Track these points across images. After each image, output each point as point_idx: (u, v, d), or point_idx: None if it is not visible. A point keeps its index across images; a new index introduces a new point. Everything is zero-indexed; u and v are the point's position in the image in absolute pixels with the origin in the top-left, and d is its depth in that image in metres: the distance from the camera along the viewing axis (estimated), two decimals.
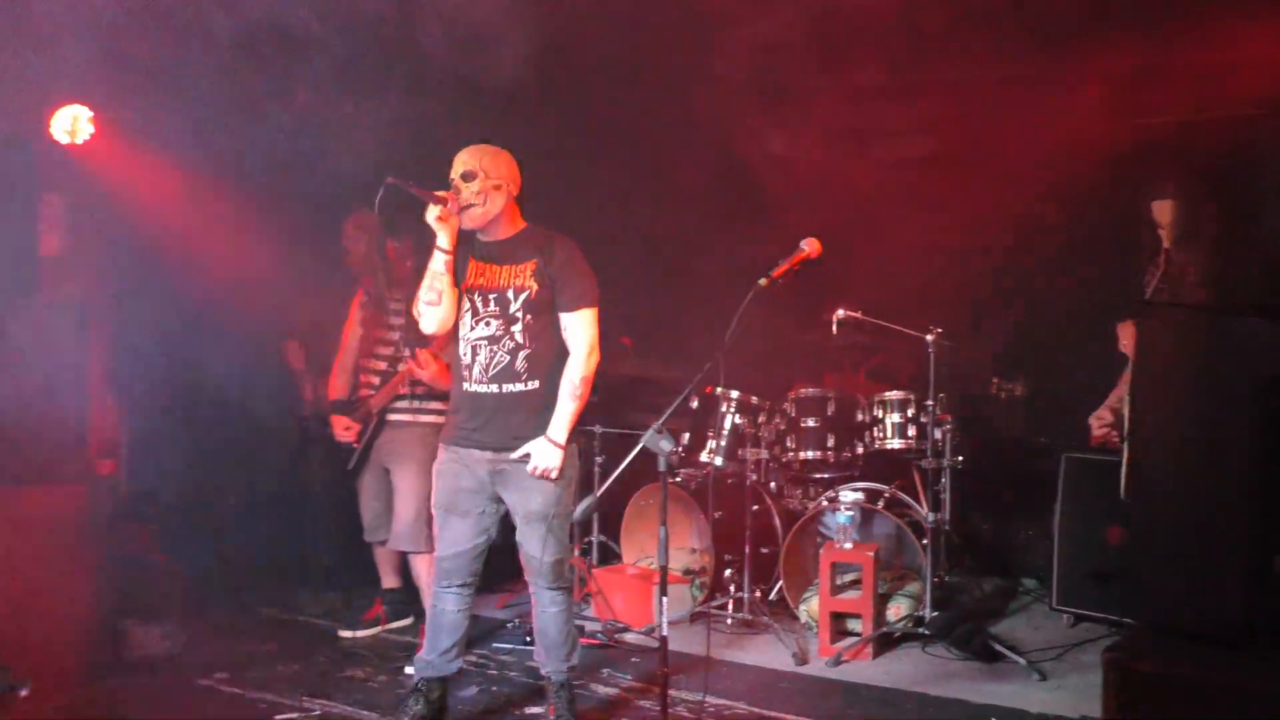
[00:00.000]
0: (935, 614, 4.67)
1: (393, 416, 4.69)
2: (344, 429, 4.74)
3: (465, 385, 3.65)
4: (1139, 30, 4.66)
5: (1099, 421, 4.44)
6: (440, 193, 3.54)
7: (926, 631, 4.65)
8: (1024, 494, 5.72)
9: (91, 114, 4.71)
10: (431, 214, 3.53)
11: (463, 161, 3.61)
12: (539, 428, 3.60)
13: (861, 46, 4.99)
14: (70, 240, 4.91)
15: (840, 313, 4.93)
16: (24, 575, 3.92)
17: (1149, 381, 2.49)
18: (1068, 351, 5.62)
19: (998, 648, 4.51)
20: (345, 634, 4.91)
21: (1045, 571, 5.24)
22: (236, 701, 4.08)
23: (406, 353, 4.56)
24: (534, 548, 3.63)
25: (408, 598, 4.99)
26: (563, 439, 3.57)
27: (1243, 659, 2.17)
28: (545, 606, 3.71)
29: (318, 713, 3.97)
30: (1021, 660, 4.42)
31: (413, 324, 4.48)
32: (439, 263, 3.56)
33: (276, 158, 5.19)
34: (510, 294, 3.59)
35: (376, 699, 4.11)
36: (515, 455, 3.59)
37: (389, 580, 5.01)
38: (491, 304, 3.60)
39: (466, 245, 3.68)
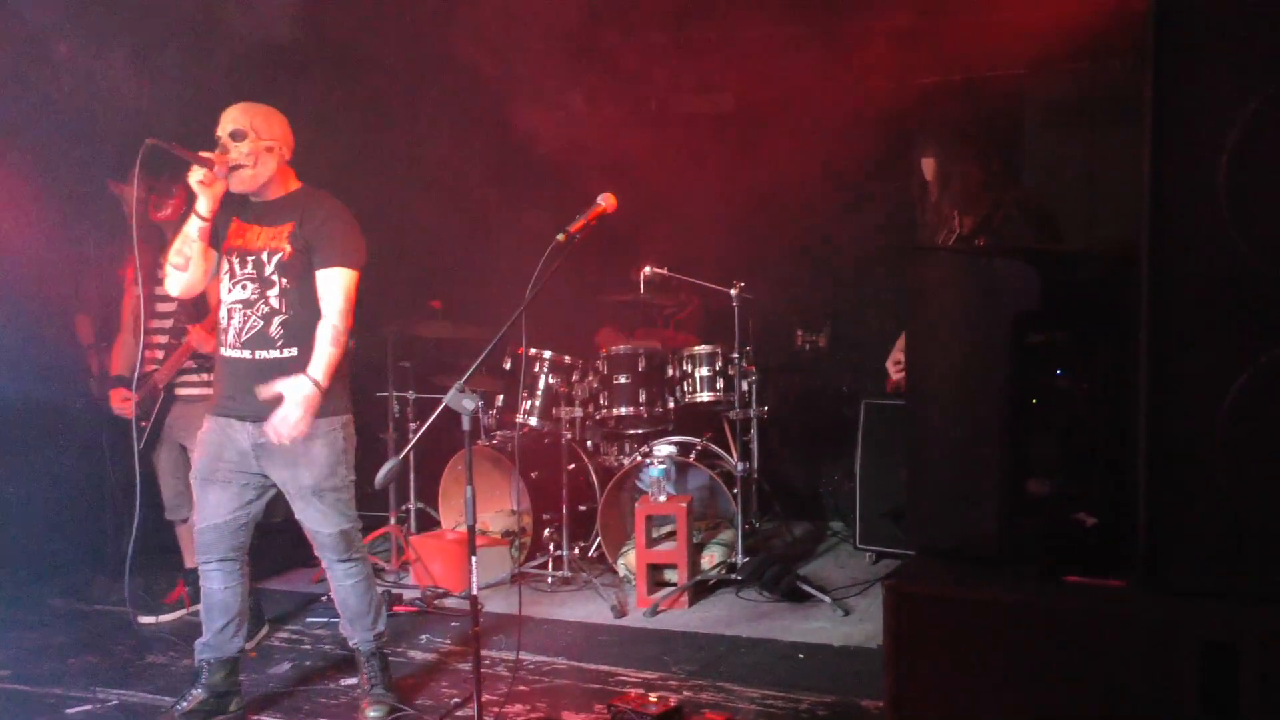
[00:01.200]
0: (746, 560, 4.84)
1: (183, 391, 4.46)
2: (121, 399, 4.48)
3: (223, 350, 3.51)
4: None
5: (895, 366, 4.66)
6: (205, 154, 3.35)
7: (738, 577, 4.81)
8: (829, 440, 5.98)
9: None
10: (194, 177, 3.33)
11: (232, 119, 3.41)
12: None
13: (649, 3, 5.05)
14: None
15: (647, 269, 5.01)
16: None
17: (919, 323, 2.64)
18: (866, 302, 5.89)
19: (805, 588, 4.72)
20: (146, 620, 4.67)
21: (850, 513, 5.51)
22: (20, 698, 3.83)
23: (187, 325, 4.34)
24: (313, 523, 3.52)
25: None
26: (322, 377, 3.35)
27: (1001, 576, 2.34)
28: (340, 580, 3.61)
29: (114, 702, 3.78)
30: (826, 598, 4.64)
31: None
32: (193, 227, 3.40)
33: (49, 123, 4.85)
34: (265, 256, 3.44)
35: (178, 684, 3.91)
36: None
37: (192, 559, 4.79)
38: (249, 266, 3.45)
39: (234, 206, 3.50)
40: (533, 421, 5.21)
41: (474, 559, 3.18)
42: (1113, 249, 2.59)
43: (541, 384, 5.22)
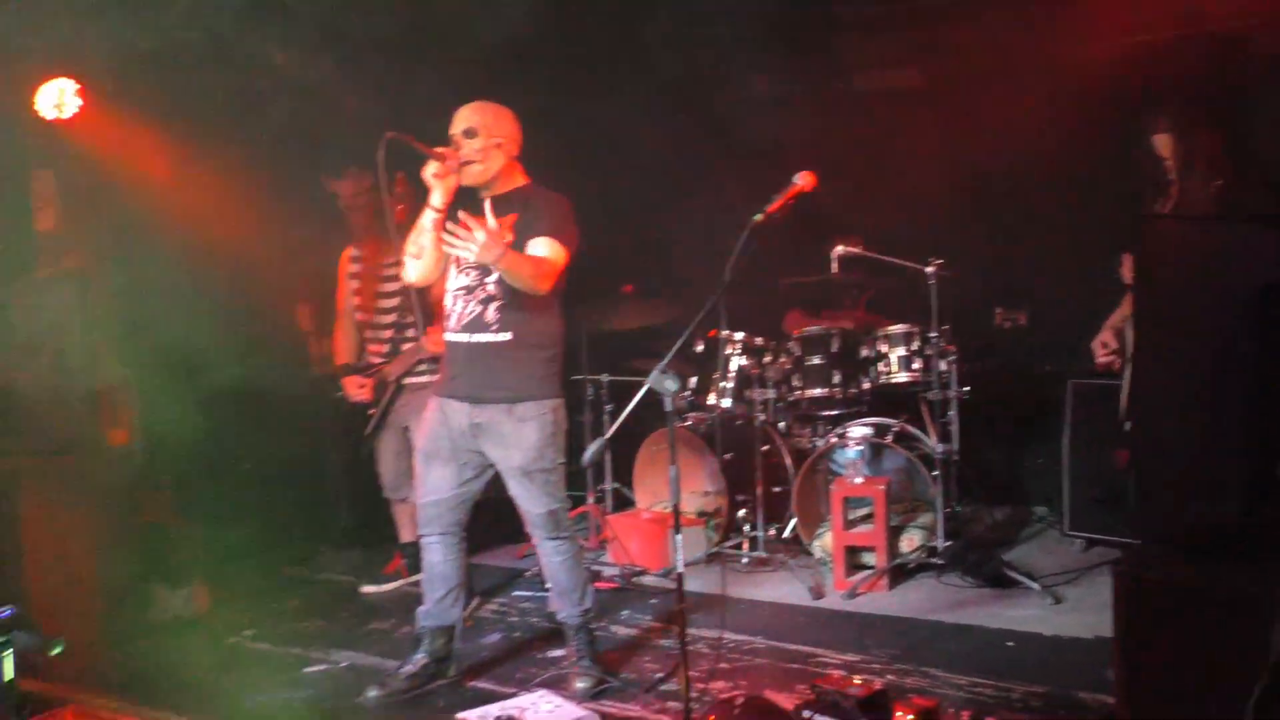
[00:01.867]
0: (948, 544, 4.72)
1: (411, 380, 4.71)
2: (357, 387, 4.77)
3: (446, 334, 3.69)
4: None
5: (1103, 348, 4.42)
6: (439, 149, 3.53)
7: (940, 561, 4.70)
8: (1032, 422, 5.73)
9: (77, 87, 4.68)
10: (429, 170, 3.52)
11: (464, 118, 3.59)
12: (511, 380, 3.57)
13: None
14: (65, 214, 4.91)
15: (839, 248, 4.93)
16: (50, 542, 3.99)
17: (1150, 298, 2.49)
18: (1070, 278, 5.59)
19: (1012, 574, 4.56)
20: (367, 589, 4.99)
21: (1055, 498, 5.27)
22: (265, 656, 4.17)
23: (410, 322, 4.57)
24: (524, 502, 3.67)
25: None
26: (501, 249, 3.35)
27: (1244, 565, 2.20)
28: (549, 556, 3.75)
29: (344, 664, 4.06)
30: (1035, 585, 4.47)
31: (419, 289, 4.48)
32: (428, 219, 3.57)
33: (269, 121, 5.18)
34: None
35: (400, 650, 4.16)
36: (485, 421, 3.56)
37: (407, 534, 5.07)
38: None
39: (463, 201, 3.65)
40: (725, 403, 5.22)
41: (678, 537, 3.24)
42: None
43: (733, 365, 5.23)
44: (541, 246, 3.54)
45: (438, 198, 3.54)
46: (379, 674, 3.86)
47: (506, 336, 3.57)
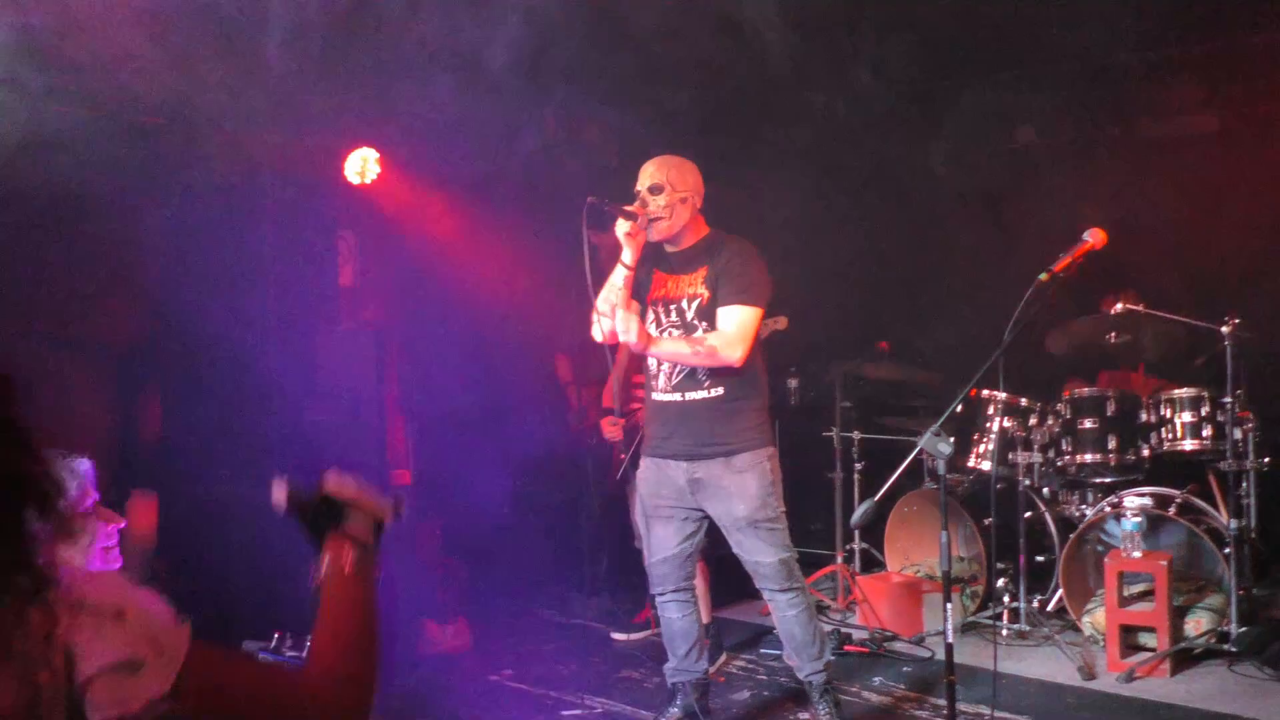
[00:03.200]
0: (1242, 629, 4.29)
1: None
2: (610, 424, 4.90)
3: (653, 395, 3.72)
4: None
5: None
6: (629, 207, 3.58)
7: (1234, 648, 4.27)
8: None
9: (378, 155, 5.15)
10: (621, 229, 3.56)
11: (649, 175, 3.63)
12: (726, 433, 3.58)
13: (1110, 18, 4.69)
14: (362, 271, 5.39)
15: (1119, 305, 4.64)
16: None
17: None
18: None
19: None
20: (618, 636, 5.09)
21: None
22: (524, 697, 4.33)
23: None
24: (751, 553, 3.63)
25: None
26: (644, 337, 3.48)
27: None
28: (783, 610, 3.69)
29: (599, 710, 4.15)
30: None
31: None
32: (619, 276, 3.62)
33: (536, 181, 5.49)
34: (685, 303, 3.62)
35: (651, 699, 4.23)
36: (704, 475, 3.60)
37: None
38: (672, 314, 3.65)
39: (653, 258, 3.72)
40: (985, 465, 5.01)
41: (949, 605, 3.12)
42: None
43: (995, 427, 5.01)
44: (729, 316, 3.56)
45: (629, 255, 3.59)
46: None
47: (719, 392, 3.59)
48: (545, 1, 4.17)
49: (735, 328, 3.53)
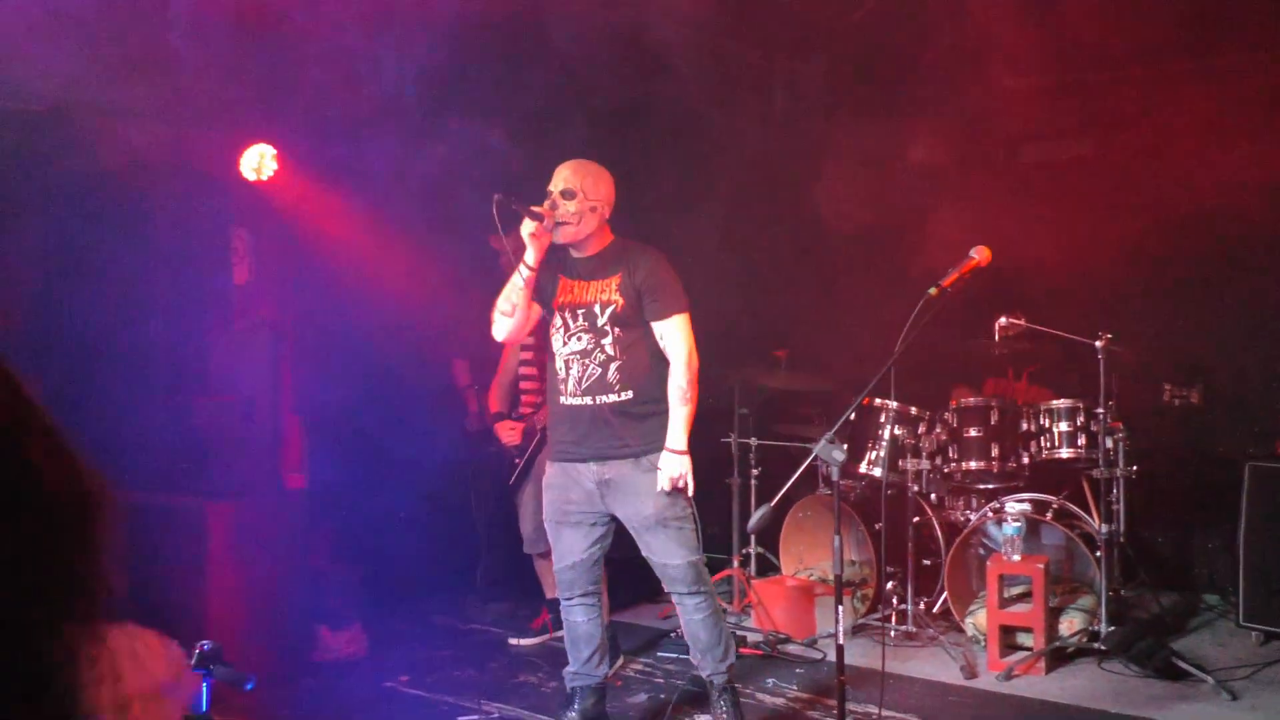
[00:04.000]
0: (1111, 628, 4.52)
1: None
2: (509, 430, 4.88)
3: (561, 399, 3.73)
4: None
5: None
6: (537, 208, 3.59)
7: (1103, 646, 4.50)
8: (1203, 505, 5.47)
9: (275, 152, 5.04)
10: (526, 229, 3.58)
11: (564, 178, 3.66)
12: (637, 434, 3.63)
13: (1006, 49, 4.91)
14: (257, 269, 5.27)
15: (1003, 320, 4.85)
16: (233, 582, 4.22)
17: None
18: (1245, 356, 5.36)
19: (1182, 664, 4.33)
20: (514, 641, 5.08)
21: (1229, 586, 5.00)
22: (420, 702, 4.29)
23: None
24: (659, 555, 3.67)
25: None
26: (682, 445, 3.60)
27: None
28: (690, 614, 3.74)
29: (495, 715, 4.14)
30: (1209, 679, 4.23)
31: None
32: (520, 277, 3.64)
33: (435, 184, 5.45)
34: (597, 309, 3.66)
35: (548, 704, 4.24)
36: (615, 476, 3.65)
37: (552, 591, 5.15)
38: (580, 319, 3.67)
39: (557, 263, 3.75)
40: (876, 472, 5.16)
41: (840, 607, 3.21)
42: None
43: (887, 435, 5.17)
44: (674, 330, 3.65)
45: (532, 256, 3.62)
46: None
47: (629, 395, 3.64)
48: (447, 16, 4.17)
49: (682, 343, 3.65)
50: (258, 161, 4.94)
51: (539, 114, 5.53)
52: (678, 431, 3.61)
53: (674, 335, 3.65)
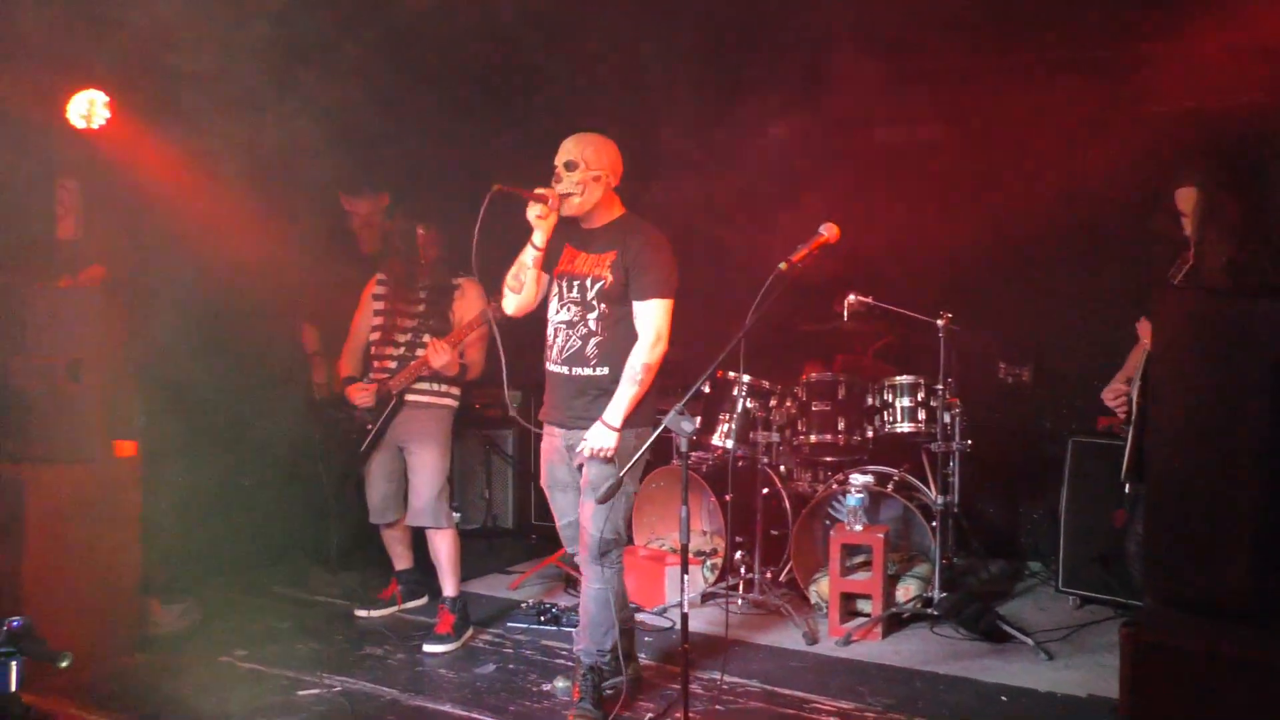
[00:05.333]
0: (944, 595, 4.74)
1: (412, 397, 4.71)
2: (361, 391, 4.74)
3: (547, 364, 3.85)
4: (1149, 16, 4.70)
5: (1115, 398, 4.43)
6: (540, 190, 3.68)
7: (935, 612, 4.72)
8: (1031, 478, 5.79)
9: (107, 99, 4.73)
10: (532, 212, 3.68)
11: (567, 150, 3.73)
12: (602, 409, 3.68)
13: (865, 33, 5.03)
14: (86, 224, 4.95)
15: (851, 298, 4.99)
16: (54, 553, 3.98)
17: (1165, 363, 2.54)
18: (1073, 337, 5.67)
19: (1006, 628, 4.58)
20: (361, 613, 4.97)
21: (1051, 554, 5.31)
22: (258, 677, 4.15)
23: (426, 338, 4.60)
24: (584, 519, 3.75)
25: (422, 577, 5.05)
26: (617, 422, 3.63)
27: (1254, 631, 2.23)
28: (590, 582, 3.80)
29: (338, 689, 4.04)
30: (1029, 640, 4.49)
31: (434, 311, 4.58)
32: (528, 256, 3.76)
33: (283, 139, 5.22)
34: (588, 283, 3.73)
35: (395, 676, 4.18)
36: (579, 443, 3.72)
37: (401, 562, 5.07)
38: (574, 290, 3.75)
39: (566, 231, 3.82)
40: (728, 444, 5.25)
41: (685, 577, 3.26)
42: None
43: (739, 407, 5.26)
44: (649, 313, 3.68)
45: (540, 237, 3.73)
46: (374, 700, 3.85)
47: (604, 371, 3.72)
48: None
49: (653, 327, 3.69)
50: (87, 108, 4.63)
51: (398, 68, 5.38)
52: (617, 408, 3.65)
53: (647, 317, 3.69)
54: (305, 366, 5.77)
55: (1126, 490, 4.13)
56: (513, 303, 3.86)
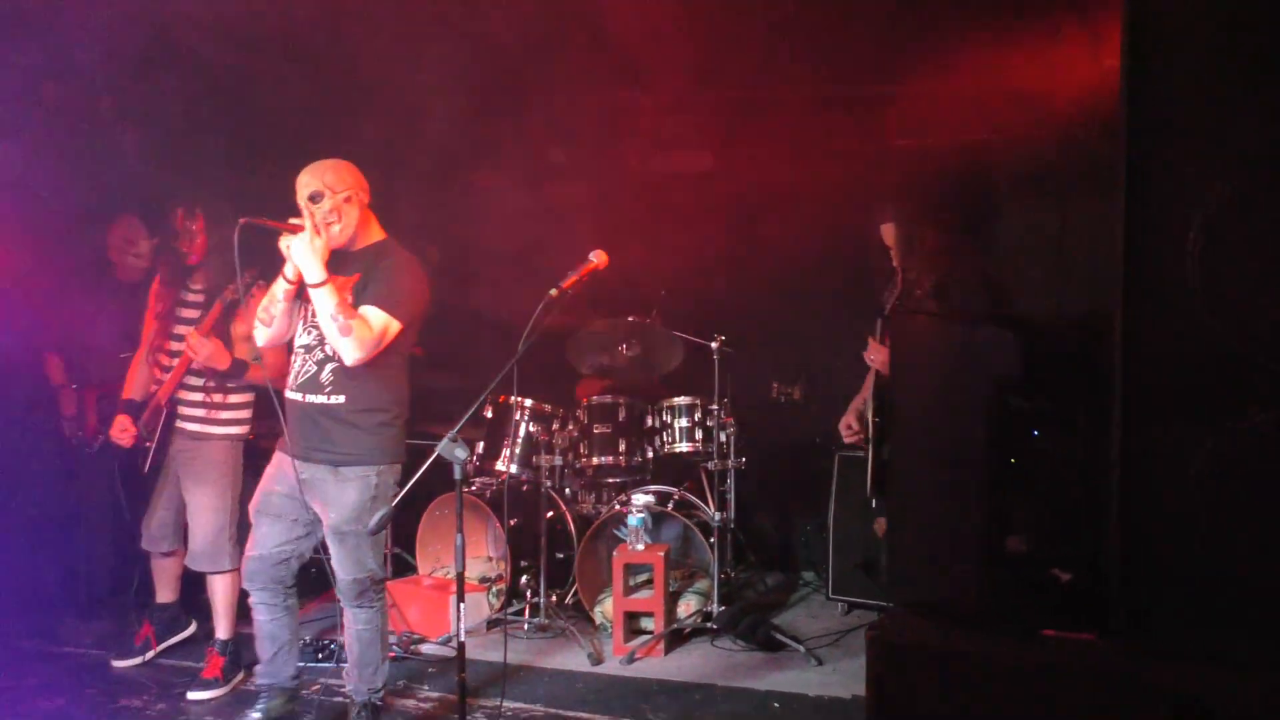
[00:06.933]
0: (722, 609, 4.90)
1: (188, 426, 4.40)
2: (120, 430, 4.42)
3: (286, 391, 3.68)
4: (897, 57, 5.07)
5: (848, 430, 4.80)
6: (294, 221, 3.50)
7: (714, 626, 4.87)
8: (803, 492, 6.05)
9: None
10: (285, 242, 3.48)
11: (305, 184, 3.55)
12: (339, 441, 3.55)
13: (634, 62, 5.17)
14: None
15: (629, 319, 5.10)
16: None
17: (901, 383, 2.74)
18: (837, 358, 5.99)
19: (779, 637, 4.78)
20: (119, 663, 4.62)
21: (822, 564, 5.58)
22: None
23: (178, 331, 4.34)
24: (334, 562, 3.65)
25: (178, 611, 4.75)
26: (316, 275, 3.45)
27: (981, 631, 2.43)
28: (350, 624, 3.71)
29: None
30: (800, 648, 4.71)
31: (209, 315, 4.28)
32: (279, 289, 3.58)
33: (25, 163, 4.87)
34: None
35: None
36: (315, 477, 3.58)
37: (164, 594, 4.71)
38: (314, 314, 3.56)
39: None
40: (512, 469, 5.25)
41: (462, 605, 3.22)
42: (1087, 319, 2.72)
43: (522, 431, 5.27)
44: (372, 315, 3.53)
45: (291, 269, 3.53)
46: None
47: (339, 400, 3.56)
48: None
49: (373, 327, 3.50)
50: None
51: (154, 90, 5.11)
52: (324, 290, 3.45)
53: (369, 316, 3.50)
54: (52, 401, 5.34)
55: (874, 505, 4.42)
56: (264, 335, 3.71)
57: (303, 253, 3.44)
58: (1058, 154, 4.49)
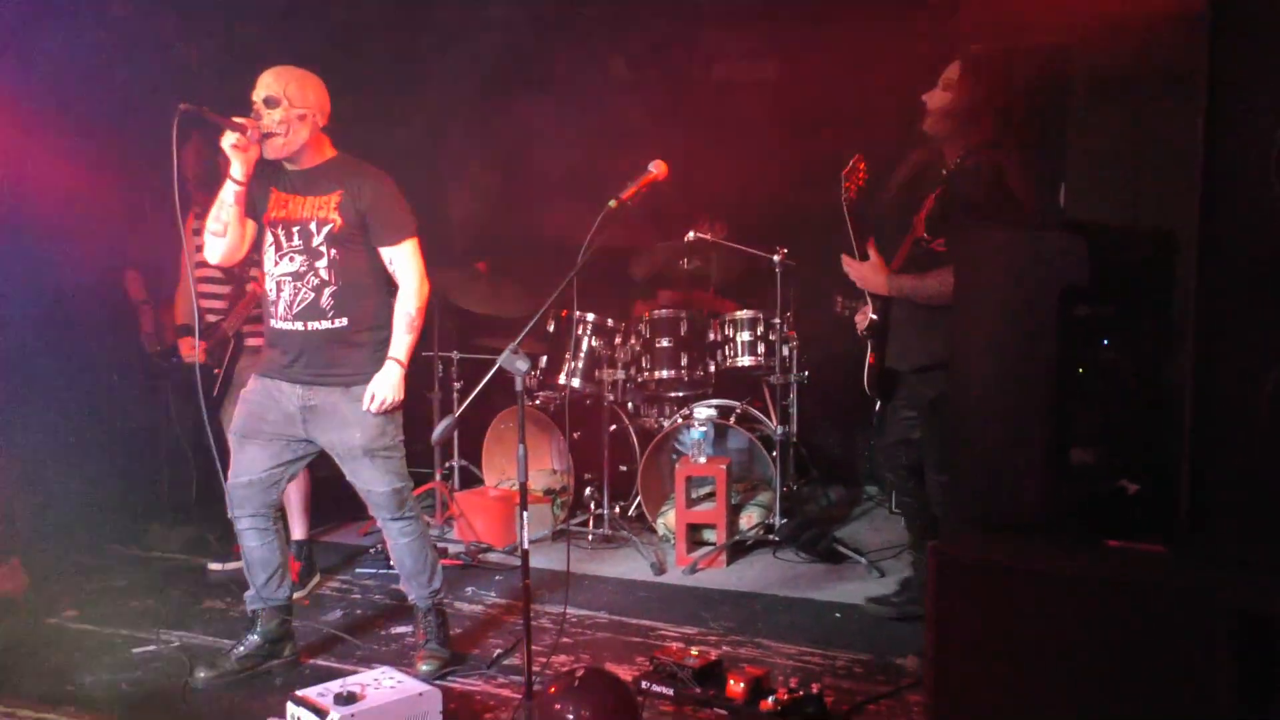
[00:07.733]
0: (784, 521, 4.94)
1: (252, 341, 4.53)
2: (189, 348, 4.55)
3: (273, 322, 3.55)
4: None
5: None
6: (239, 119, 3.33)
7: (776, 538, 4.91)
8: (866, 406, 6.01)
9: None
10: (228, 141, 3.31)
11: (265, 85, 3.39)
12: (348, 362, 3.53)
13: None
14: None
15: (691, 234, 5.06)
16: None
17: (965, 292, 2.69)
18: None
19: (841, 549, 4.82)
20: (214, 566, 4.84)
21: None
22: (89, 637, 4.01)
23: (251, 272, 4.42)
24: (365, 482, 3.60)
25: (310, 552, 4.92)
26: (404, 357, 3.52)
27: (1043, 544, 2.41)
28: (395, 538, 3.70)
29: (175, 644, 3.94)
30: (863, 560, 4.74)
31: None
32: (229, 193, 3.39)
33: (94, 85, 4.93)
34: (313, 227, 3.46)
35: (237, 629, 4.08)
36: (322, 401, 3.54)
37: (297, 530, 4.91)
38: (295, 238, 3.47)
39: (270, 175, 3.50)
40: (575, 383, 5.30)
41: (525, 514, 3.29)
42: (1159, 226, 2.62)
43: (584, 346, 5.30)
44: (404, 257, 3.52)
45: (238, 169, 3.36)
46: (214, 653, 3.77)
47: (343, 322, 3.49)
48: None
49: (413, 270, 3.52)
50: None
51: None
52: (401, 350, 3.52)
53: (405, 262, 3.52)
54: (134, 317, 5.51)
55: (877, 407, 4.35)
56: (217, 249, 3.45)
57: (233, 149, 3.33)
58: (1136, 58, 4.27)
